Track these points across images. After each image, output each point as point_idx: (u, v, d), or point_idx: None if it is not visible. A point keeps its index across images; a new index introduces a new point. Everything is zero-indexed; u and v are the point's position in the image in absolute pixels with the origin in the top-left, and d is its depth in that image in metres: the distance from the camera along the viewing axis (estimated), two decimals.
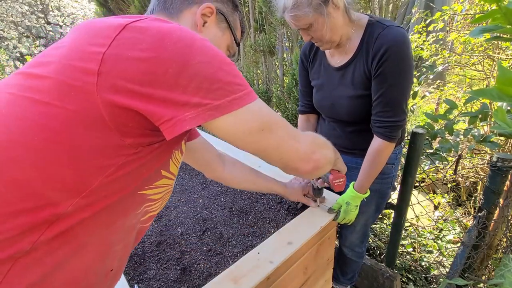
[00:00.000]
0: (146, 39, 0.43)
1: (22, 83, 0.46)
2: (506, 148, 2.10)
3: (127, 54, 0.42)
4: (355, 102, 1.06)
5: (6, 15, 7.34)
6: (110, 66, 0.42)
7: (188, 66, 0.43)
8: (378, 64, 0.95)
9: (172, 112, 0.43)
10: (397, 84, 0.95)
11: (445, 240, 2.08)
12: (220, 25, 0.67)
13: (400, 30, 0.94)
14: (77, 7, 9.07)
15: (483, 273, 1.45)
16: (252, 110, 0.49)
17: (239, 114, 0.47)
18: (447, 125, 1.35)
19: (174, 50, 0.43)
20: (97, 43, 0.43)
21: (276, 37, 2.75)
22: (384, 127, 1.02)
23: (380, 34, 0.95)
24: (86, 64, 0.42)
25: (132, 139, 0.46)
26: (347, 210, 1.11)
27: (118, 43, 0.43)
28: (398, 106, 0.99)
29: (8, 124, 0.43)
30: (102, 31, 0.44)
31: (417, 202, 1.72)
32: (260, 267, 0.84)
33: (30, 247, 0.43)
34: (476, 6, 2.25)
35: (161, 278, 0.93)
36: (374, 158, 1.06)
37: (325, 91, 1.15)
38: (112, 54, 0.42)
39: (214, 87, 0.45)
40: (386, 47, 0.92)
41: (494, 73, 2.29)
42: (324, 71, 1.14)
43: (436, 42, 2.46)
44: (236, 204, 1.25)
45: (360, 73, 1.02)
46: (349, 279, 1.56)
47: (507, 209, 1.27)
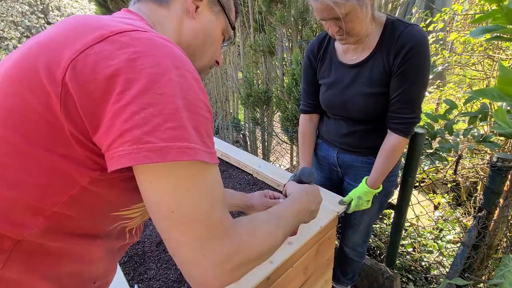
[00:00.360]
0: (119, 56, 0.38)
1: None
2: (506, 148, 2.10)
3: (94, 67, 0.37)
4: (371, 99, 1.07)
5: (6, 15, 7.34)
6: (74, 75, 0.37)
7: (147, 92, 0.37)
8: (402, 62, 0.96)
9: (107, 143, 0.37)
10: (418, 82, 0.97)
11: (445, 240, 2.08)
12: (213, 8, 0.61)
13: (422, 30, 0.96)
14: (77, 7, 9.08)
15: (483, 273, 1.45)
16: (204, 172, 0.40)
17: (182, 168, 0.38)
18: (447, 125, 1.35)
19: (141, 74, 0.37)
20: (72, 48, 0.39)
21: (276, 37, 2.75)
22: (402, 123, 1.03)
23: (403, 32, 0.96)
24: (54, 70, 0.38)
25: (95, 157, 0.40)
26: (358, 205, 1.13)
27: (91, 52, 0.38)
28: (416, 103, 1.01)
29: None
30: (82, 36, 0.40)
31: (417, 202, 1.72)
32: (260, 267, 0.84)
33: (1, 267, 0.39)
34: (476, 6, 2.25)
35: (161, 278, 0.93)
36: (389, 154, 1.08)
37: (337, 89, 1.14)
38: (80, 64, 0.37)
39: (166, 125, 0.37)
40: (410, 45, 0.93)
41: (494, 73, 2.29)
42: (335, 69, 1.14)
43: (436, 42, 2.46)
44: None
45: (379, 70, 1.02)
46: (349, 278, 1.56)
47: (507, 209, 1.27)
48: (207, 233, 0.40)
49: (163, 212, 0.38)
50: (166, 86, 0.38)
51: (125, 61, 0.37)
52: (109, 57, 0.38)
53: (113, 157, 0.36)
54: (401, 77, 0.98)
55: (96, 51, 0.38)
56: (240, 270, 0.43)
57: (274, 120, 3.33)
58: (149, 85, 0.37)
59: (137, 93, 0.36)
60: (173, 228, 0.39)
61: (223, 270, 0.41)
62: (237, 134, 3.38)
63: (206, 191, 0.40)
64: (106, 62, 0.37)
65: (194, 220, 0.39)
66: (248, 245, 0.44)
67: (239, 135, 3.37)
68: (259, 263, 0.48)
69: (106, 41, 0.39)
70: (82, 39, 0.39)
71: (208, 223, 0.40)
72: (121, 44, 0.39)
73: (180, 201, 0.38)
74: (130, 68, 0.37)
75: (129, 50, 0.38)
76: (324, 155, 1.34)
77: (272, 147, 3.37)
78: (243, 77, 3.15)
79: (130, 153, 0.35)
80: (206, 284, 0.41)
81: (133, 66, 0.37)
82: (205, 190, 0.40)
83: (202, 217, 0.39)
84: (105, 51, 0.38)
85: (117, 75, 0.37)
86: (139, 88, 0.37)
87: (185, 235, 0.39)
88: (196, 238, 0.39)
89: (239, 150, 1.64)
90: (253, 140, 3.34)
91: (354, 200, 1.13)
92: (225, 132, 3.36)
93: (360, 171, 1.21)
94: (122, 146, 0.36)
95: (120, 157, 0.36)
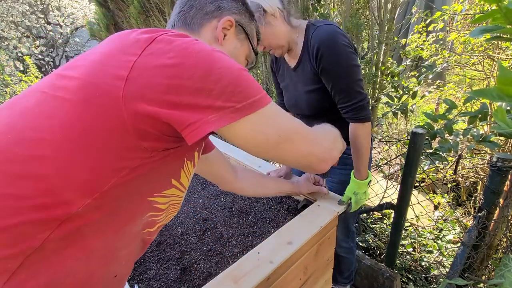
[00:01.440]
0: (173, 48, 0.47)
1: (55, 82, 0.50)
2: (506, 148, 2.10)
3: (155, 62, 0.46)
4: (311, 95, 1.18)
5: (6, 15, 7.34)
6: (139, 72, 0.45)
7: (212, 71, 0.47)
8: (318, 62, 1.05)
9: (197, 116, 0.46)
10: (341, 74, 1.05)
11: (445, 240, 2.08)
12: (239, 36, 0.69)
13: (329, 27, 1.04)
14: (77, 7, 9.07)
15: (483, 273, 1.45)
16: (270, 112, 0.52)
17: (258, 116, 0.50)
18: (447, 125, 1.35)
19: (198, 57, 0.47)
20: (130, 53, 0.47)
21: None
22: (348, 112, 1.10)
23: (312, 34, 1.06)
24: (117, 71, 0.46)
25: (149, 143, 0.48)
26: (358, 199, 1.16)
27: (148, 52, 0.47)
28: (351, 90, 1.07)
29: (38, 122, 0.46)
30: (135, 42, 0.49)
31: (417, 202, 1.72)
32: (260, 267, 0.84)
33: (40, 244, 0.44)
34: (476, 6, 2.25)
35: (161, 278, 0.93)
36: (355, 143, 1.13)
37: (290, 91, 1.27)
38: (142, 62, 0.46)
39: (236, 90, 0.48)
40: (317, 45, 1.02)
41: (494, 73, 2.29)
42: (287, 74, 1.26)
43: (436, 42, 2.46)
44: (236, 204, 1.25)
45: (308, 71, 1.13)
46: (346, 277, 1.56)
47: (507, 209, 1.27)
48: (305, 130, 0.59)
49: (274, 141, 0.53)
50: (220, 61, 0.48)
51: (180, 51, 0.47)
52: (165, 52, 0.47)
53: (208, 122, 0.46)
54: (324, 75, 1.07)
55: (152, 50, 0.47)
56: (336, 144, 0.68)
57: None
58: (209, 64, 0.47)
59: (205, 73, 0.46)
60: (287, 144, 0.55)
61: (330, 142, 0.65)
62: None
63: (283, 114, 0.56)
64: (165, 55, 0.46)
65: (294, 129, 0.56)
66: (326, 129, 0.70)
67: None
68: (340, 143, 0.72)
69: (155, 42, 0.48)
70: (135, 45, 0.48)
71: (300, 125, 0.58)
72: (167, 41, 0.48)
73: (278, 125, 0.53)
74: (187, 55, 0.47)
75: (177, 43, 0.48)
76: None
77: None
78: None
79: (222, 117, 0.47)
80: (328, 156, 0.62)
81: (189, 53, 0.47)
82: (282, 113, 0.56)
83: (296, 125, 0.57)
84: (159, 48, 0.47)
85: (182, 63, 0.46)
86: (204, 69, 0.47)
87: (296, 141, 0.56)
88: (304, 137, 0.57)
89: (239, 150, 1.64)
90: None
91: (352, 197, 1.15)
92: None
93: None
94: (212, 114, 0.46)
95: (215, 121, 0.46)
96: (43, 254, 0.45)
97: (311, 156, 0.59)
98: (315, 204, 1.13)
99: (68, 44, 9.64)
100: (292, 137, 0.55)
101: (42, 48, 8.22)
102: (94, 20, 3.99)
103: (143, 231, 0.60)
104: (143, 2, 3.23)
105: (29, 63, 4.54)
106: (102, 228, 0.50)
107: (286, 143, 0.54)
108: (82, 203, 0.45)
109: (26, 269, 0.44)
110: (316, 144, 0.60)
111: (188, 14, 0.65)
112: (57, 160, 0.44)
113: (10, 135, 0.45)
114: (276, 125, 0.53)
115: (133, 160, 0.47)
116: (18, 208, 0.43)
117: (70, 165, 0.45)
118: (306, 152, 0.58)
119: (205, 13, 0.65)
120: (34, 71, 4.44)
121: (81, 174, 0.45)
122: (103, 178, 0.46)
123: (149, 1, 3.19)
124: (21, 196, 0.43)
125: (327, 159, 0.61)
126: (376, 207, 1.65)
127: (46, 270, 0.45)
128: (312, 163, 0.60)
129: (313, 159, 0.59)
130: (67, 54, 9.89)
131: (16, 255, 0.43)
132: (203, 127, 0.46)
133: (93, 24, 4.10)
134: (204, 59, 0.47)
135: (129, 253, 0.60)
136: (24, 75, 4.58)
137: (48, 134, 0.45)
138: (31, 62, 4.61)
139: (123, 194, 0.49)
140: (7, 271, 0.42)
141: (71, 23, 8.86)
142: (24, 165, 0.44)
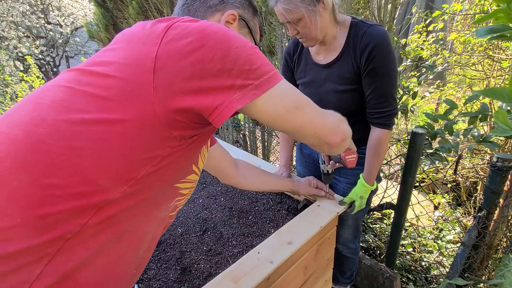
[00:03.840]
0: (191, 32, 0.49)
1: (80, 78, 0.51)
2: (506, 148, 2.10)
3: (177, 48, 0.48)
4: (342, 96, 1.13)
5: (7, 15, 7.33)
6: (164, 61, 0.47)
7: (230, 51, 0.49)
8: (367, 61, 1.02)
9: (221, 98, 0.48)
10: (387, 77, 1.04)
11: (445, 240, 2.08)
12: (242, 30, 0.71)
13: (383, 28, 1.04)
14: (77, 7, 9.06)
15: (483, 273, 1.45)
16: (284, 86, 0.55)
17: (276, 90, 0.52)
18: (447, 125, 1.34)
19: (216, 39, 0.49)
20: (150, 43, 0.49)
21: (276, 37, 2.75)
22: (381, 117, 1.09)
23: (365, 32, 1.02)
24: (143, 62, 0.48)
25: (179, 132, 0.51)
26: (362, 204, 1.16)
27: (167, 40, 0.49)
28: (391, 96, 1.07)
29: (70, 116, 0.47)
30: (151, 32, 0.51)
31: (417, 202, 1.72)
32: (260, 267, 0.84)
33: (79, 229, 0.46)
34: (476, 6, 2.25)
35: (161, 278, 0.93)
36: (376, 148, 1.12)
37: (313, 88, 1.21)
38: (164, 52, 0.48)
39: (253, 68, 0.50)
40: (372, 45, 1.00)
41: (494, 73, 2.29)
42: (310, 69, 1.21)
43: (436, 42, 2.46)
44: (236, 204, 1.25)
45: (348, 69, 1.09)
46: (347, 277, 1.56)
47: (507, 209, 1.26)
48: (318, 110, 0.60)
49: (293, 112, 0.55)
50: (236, 41, 0.50)
51: (198, 34, 0.49)
52: (183, 37, 0.49)
53: (233, 102, 0.48)
54: (370, 76, 1.04)
55: (171, 37, 0.49)
56: (344, 121, 0.67)
57: None
58: (227, 45, 0.49)
59: (224, 53, 0.48)
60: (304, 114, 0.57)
61: (337, 116, 0.65)
62: (237, 134, 3.37)
63: (292, 87, 0.57)
64: (184, 40, 0.48)
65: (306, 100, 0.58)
66: (336, 114, 0.68)
67: (239, 135, 3.37)
68: (347, 124, 0.70)
69: (171, 28, 0.50)
70: (153, 34, 0.50)
71: (309, 99, 0.59)
72: (183, 26, 0.50)
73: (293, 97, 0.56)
74: (206, 37, 0.48)
75: (193, 26, 0.50)
76: (308, 153, 1.40)
77: (272, 147, 3.36)
78: None
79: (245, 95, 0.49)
80: (338, 128, 0.63)
81: (207, 35, 0.49)
82: (292, 86, 0.57)
83: (306, 97, 0.59)
84: (177, 34, 0.49)
85: (202, 46, 0.48)
86: (223, 50, 0.48)
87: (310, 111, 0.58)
88: (315, 108, 0.59)
89: (239, 150, 1.64)
90: (253, 140, 3.34)
91: (357, 200, 1.15)
92: (225, 132, 3.37)
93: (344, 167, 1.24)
94: (235, 94, 0.49)
95: (239, 99, 0.49)
96: (81, 238, 0.47)
97: (323, 126, 0.61)
98: (315, 204, 1.13)
99: (68, 44, 9.64)
100: (305, 107, 0.57)
101: (42, 48, 8.21)
102: (93, 20, 3.98)
103: (167, 217, 0.64)
104: (142, 2, 3.22)
105: (30, 62, 4.53)
106: (135, 214, 0.53)
107: (302, 112, 0.57)
108: (118, 190, 0.48)
109: (65, 252, 0.46)
110: (326, 116, 0.62)
111: (192, 7, 0.66)
112: (93, 151, 0.46)
113: (42, 127, 0.47)
114: (292, 96, 0.56)
115: (164, 149, 0.50)
116: (58, 196, 0.45)
117: (106, 156, 0.47)
118: (320, 123, 0.60)
119: (209, 6, 0.66)
120: (35, 71, 4.43)
121: (117, 163, 0.47)
122: (137, 167, 0.49)
123: (148, 2, 3.19)
124: (61, 185, 0.45)
125: (337, 131, 0.63)
126: (376, 207, 1.65)
127: (83, 253, 0.48)
128: (325, 134, 0.61)
129: (325, 129, 0.61)
130: (67, 54, 9.88)
131: (56, 240, 0.45)
132: (229, 107, 0.48)
133: (91, 25, 4.09)
134: (221, 40, 0.49)
135: (153, 237, 0.62)
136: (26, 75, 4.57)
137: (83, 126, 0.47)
138: (32, 61, 4.61)
139: (155, 181, 0.52)
140: (48, 255, 0.45)
141: (71, 23, 8.86)
142: (61, 157, 0.45)
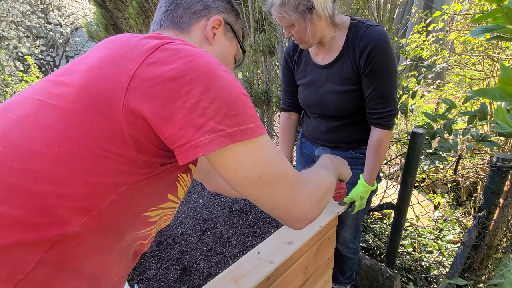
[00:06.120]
0: (178, 59, 0.45)
1: (50, 90, 0.47)
2: (506, 148, 2.10)
3: (156, 73, 0.44)
4: (342, 97, 1.13)
5: (7, 15, 7.34)
6: (139, 82, 0.44)
7: (210, 89, 0.45)
8: (367, 62, 1.02)
9: (188, 135, 0.43)
10: (386, 77, 1.03)
11: (445, 240, 2.08)
12: (227, 35, 0.69)
13: (382, 28, 1.03)
14: (77, 7, 9.07)
15: (483, 273, 1.45)
16: (262, 144, 0.48)
17: (248, 146, 0.46)
18: (446, 125, 1.35)
19: (200, 72, 0.45)
20: (131, 59, 0.46)
21: (276, 37, 2.75)
22: (382, 118, 1.09)
23: (364, 33, 1.02)
24: (118, 78, 0.44)
25: (146, 157, 0.46)
26: (362, 204, 1.16)
27: (151, 61, 0.45)
28: (390, 96, 1.07)
29: (33, 133, 0.43)
30: (137, 48, 0.47)
31: (417, 202, 1.72)
32: (260, 267, 0.84)
33: (31, 269, 0.40)
34: (476, 6, 2.25)
35: (161, 278, 0.93)
36: (377, 149, 1.12)
37: (313, 88, 1.20)
38: (143, 72, 0.44)
39: (230, 113, 0.45)
40: (372, 45, 0.99)
41: (494, 73, 2.29)
42: (310, 70, 1.20)
43: (436, 42, 2.46)
44: (236, 204, 1.25)
45: (348, 70, 1.08)
46: (347, 277, 1.56)
47: (507, 209, 1.27)
48: (292, 182, 0.51)
49: (254, 181, 0.47)
50: (221, 80, 0.46)
51: (184, 63, 0.45)
52: (168, 62, 0.45)
53: (198, 146, 0.43)
54: (370, 76, 1.04)
55: (155, 59, 0.45)
56: (322, 203, 0.57)
57: (274, 120, 3.33)
58: (209, 82, 0.45)
59: (203, 90, 0.44)
60: (266, 189, 0.48)
61: (312, 204, 0.54)
62: None
63: (274, 153, 0.50)
64: (167, 66, 0.44)
65: (279, 176, 0.49)
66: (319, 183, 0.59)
67: None
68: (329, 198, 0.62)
69: (159, 50, 0.46)
70: (137, 51, 0.46)
71: (288, 174, 0.51)
72: (172, 50, 0.46)
73: (264, 165, 0.48)
74: (190, 69, 0.45)
75: (182, 54, 0.46)
76: (308, 153, 1.40)
77: None
78: (243, 77, 3.15)
79: (213, 140, 0.43)
80: (304, 217, 0.53)
81: (192, 67, 0.45)
82: (274, 152, 0.50)
83: (283, 171, 0.50)
84: (163, 58, 0.45)
85: (182, 76, 0.44)
86: (203, 86, 0.44)
87: (277, 189, 0.49)
88: (286, 188, 0.50)
89: None
90: None
91: (357, 201, 1.15)
92: None
93: None
94: (203, 136, 0.43)
95: (206, 145, 0.43)
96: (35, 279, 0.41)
97: (287, 212, 0.52)
98: None
99: (68, 44, 9.65)
100: (274, 184, 0.49)
101: (42, 48, 8.22)
102: (93, 20, 3.99)
103: (136, 243, 0.58)
104: (142, 2, 3.22)
105: (30, 62, 4.53)
106: (95, 247, 0.47)
107: (265, 188, 0.48)
108: (78, 222, 0.42)
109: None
110: (298, 201, 0.52)
111: (176, 13, 0.63)
112: (53, 176, 0.41)
113: (1, 146, 0.42)
114: (262, 164, 0.47)
115: (132, 175, 0.46)
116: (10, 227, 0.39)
117: (67, 181, 0.42)
118: (282, 206, 0.51)
119: (193, 12, 0.64)
120: (35, 71, 4.43)
121: (78, 190, 0.42)
122: (101, 194, 0.44)
123: (148, 2, 3.19)
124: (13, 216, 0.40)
125: (302, 220, 0.54)
126: (376, 207, 1.65)
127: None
128: (285, 218, 0.53)
129: (286, 215, 0.52)
130: (67, 54, 9.89)
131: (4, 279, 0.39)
132: (193, 151, 0.43)
133: (91, 25, 4.09)
134: (205, 76, 0.45)
135: (122, 268, 0.56)
136: (25, 75, 4.57)
137: (45, 147, 0.42)
138: (32, 61, 4.61)
139: (119, 210, 0.47)
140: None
141: (71, 23, 8.87)
142: (18, 180, 0.40)
